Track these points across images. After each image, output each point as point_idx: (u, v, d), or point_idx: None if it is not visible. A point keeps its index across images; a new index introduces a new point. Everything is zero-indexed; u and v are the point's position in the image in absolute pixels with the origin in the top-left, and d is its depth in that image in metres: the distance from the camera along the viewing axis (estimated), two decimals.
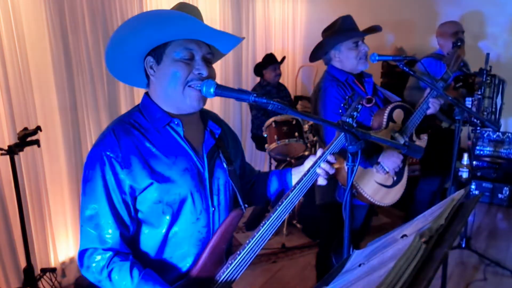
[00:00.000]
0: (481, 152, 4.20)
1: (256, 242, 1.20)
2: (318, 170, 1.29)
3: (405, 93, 3.23)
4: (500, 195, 4.09)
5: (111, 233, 1.12)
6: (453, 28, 3.13)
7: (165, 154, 1.16)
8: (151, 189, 1.13)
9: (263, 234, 1.21)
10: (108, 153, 1.11)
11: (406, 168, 2.10)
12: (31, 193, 2.68)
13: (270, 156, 3.80)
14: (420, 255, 0.71)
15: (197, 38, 1.15)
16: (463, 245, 3.10)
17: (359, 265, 0.94)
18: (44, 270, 2.64)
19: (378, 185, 1.98)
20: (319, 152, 1.32)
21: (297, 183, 1.27)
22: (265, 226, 1.21)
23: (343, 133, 1.34)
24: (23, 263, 2.46)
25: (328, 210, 2.21)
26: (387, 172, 1.97)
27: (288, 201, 1.23)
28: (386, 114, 2.00)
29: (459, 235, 3.07)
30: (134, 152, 1.13)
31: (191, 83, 1.14)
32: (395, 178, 2.02)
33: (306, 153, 3.51)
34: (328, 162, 1.31)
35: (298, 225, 3.48)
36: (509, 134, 4.09)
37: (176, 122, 1.18)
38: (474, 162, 3.98)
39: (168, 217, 1.16)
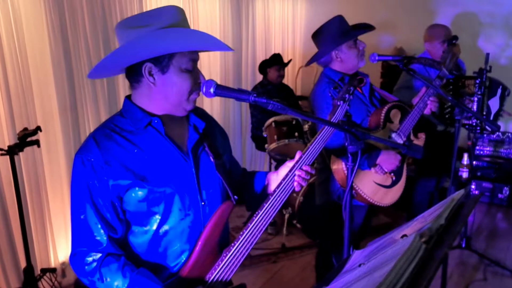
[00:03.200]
0: (481, 152, 4.19)
1: (251, 233, 1.20)
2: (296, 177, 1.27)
3: (393, 95, 3.22)
4: (500, 195, 4.09)
5: (100, 236, 1.14)
6: (442, 32, 3.09)
7: (149, 153, 1.18)
8: (134, 189, 1.15)
9: (257, 225, 1.20)
10: (89, 158, 1.14)
11: (405, 168, 2.10)
12: (31, 193, 2.68)
13: (270, 156, 3.80)
14: (420, 255, 0.71)
15: (203, 50, 1.19)
16: (463, 245, 3.10)
17: (359, 265, 0.94)
18: (44, 270, 2.64)
19: (377, 186, 1.98)
20: (297, 156, 1.31)
21: (277, 187, 1.25)
22: (258, 216, 1.20)
23: (317, 139, 1.33)
24: (23, 263, 2.46)
25: (328, 211, 2.21)
26: (386, 173, 1.97)
27: (270, 205, 1.23)
28: (383, 114, 2.00)
29: (459, 235, 3.08)
30: (115, 155, 1.15)
31: (193, 92, 1.19)
32: (393, 178, 2.02)
33: None
34: (303, 170, 1.28)
35: (298, 225, 3.48)
36: (509, 134, 4.09)
37: (156, 121, 1.20)
38: (474, 162, 3.98)
39: (157, 216, 1.18)
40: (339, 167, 1.98)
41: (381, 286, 0.66)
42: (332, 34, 2.07)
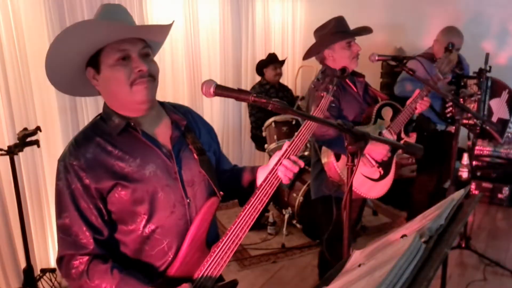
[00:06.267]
0: (481, 152, 4.20)
1: (239, 228, 1.19)
2: (280, 170, 1.23)
3: (396, 86, 3.21)
4: (500, 195, 4.09)
5: (86, 239, 1.14)
6: (451, 39, 3.09)
7: (130, 155, 1.18)
8: (117, 190, 1.15)
9: (244, 219, 1.19)
10: (71, 162, 1.14)
11: (394, 164, 2.13)
12: (31, 193, 2.68)
13: (270, 156, 3.80)
14: (420, 255, 0.71)
15: (126, 37, 1.14)
16: (463, 245, 3.10)
17: (359, 265, 0.94)
18: (44, 271, 2.64)
19: (364, 178, 2.03)
20: (285, 146, 1.27)
21: (263, 181, 1.22)
22: (245, 211, 1.19)
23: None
24: (23, 264, 2.46)
25: (322, 204, 2.22)
26: (373, 166, 2.01)
27: (257, 199, 1.20)
28: (375, 111, 2.08)
29: (459, 235, 3.07)
30: (96, 157, 1.15)
31: (135, 82, 1.15)
32: (381, 172, 2.05)
33: (306, 153, 3.51)
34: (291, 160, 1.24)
35: (298, 225, 3.48)
36: (509, 134, 4.09)
37: (132, 124, 1.19)
38: (474, 162, 3.98)
39: (142, 215, 1.18)
40: (329, 160, 2.02)
41: (381, 286, 0.66)
42: (326, 33, 2.12)
